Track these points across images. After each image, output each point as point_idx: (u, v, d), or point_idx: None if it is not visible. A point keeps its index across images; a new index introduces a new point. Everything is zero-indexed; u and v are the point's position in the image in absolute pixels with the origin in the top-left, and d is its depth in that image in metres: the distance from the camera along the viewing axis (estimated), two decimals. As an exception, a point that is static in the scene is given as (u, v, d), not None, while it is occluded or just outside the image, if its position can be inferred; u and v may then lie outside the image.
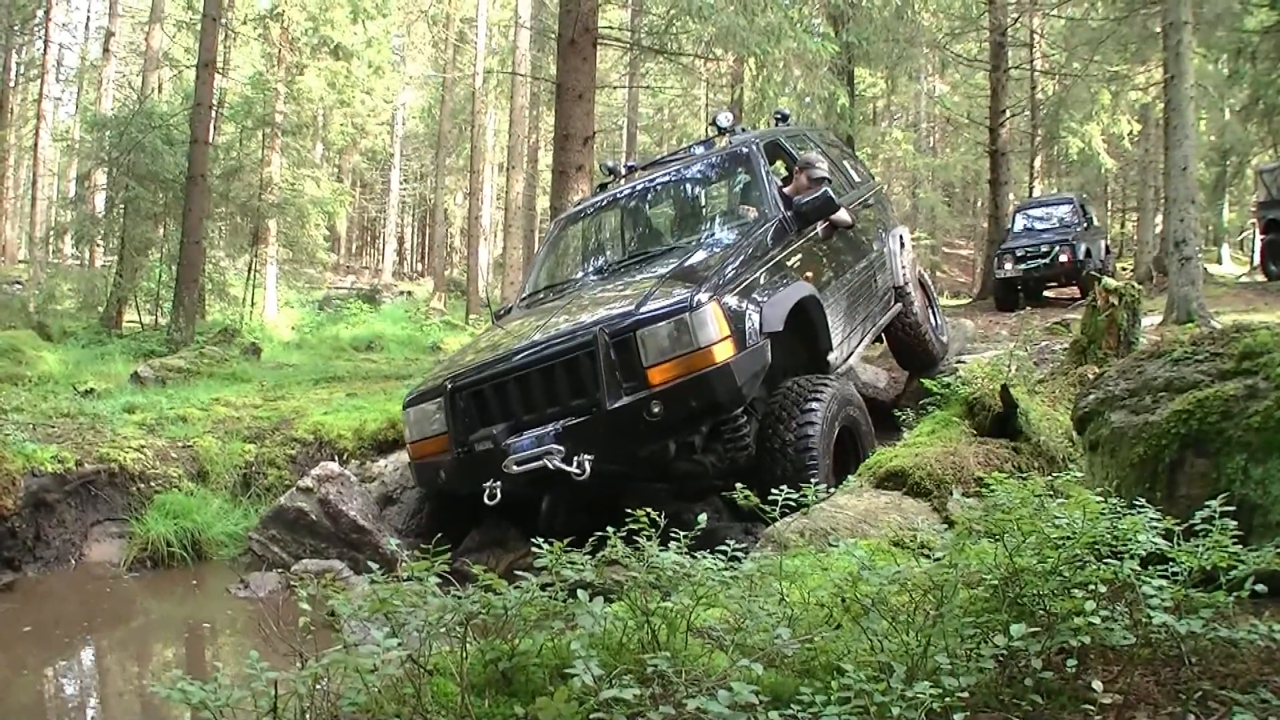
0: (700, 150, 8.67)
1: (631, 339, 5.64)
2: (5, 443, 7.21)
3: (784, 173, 8.44)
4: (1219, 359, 3.45)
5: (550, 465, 5.56)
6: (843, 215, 7.57)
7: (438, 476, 6.39)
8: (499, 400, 6.08)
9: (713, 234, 7.54)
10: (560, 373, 5.84)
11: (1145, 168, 29.31)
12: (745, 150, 7.90)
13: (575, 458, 5.54)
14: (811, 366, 6.79)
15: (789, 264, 6.78)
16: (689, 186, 8.46)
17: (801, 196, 7.23)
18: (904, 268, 9.20)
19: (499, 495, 5.81)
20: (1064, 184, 37.86)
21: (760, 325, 5.93)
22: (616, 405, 5.58)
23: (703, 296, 5.65)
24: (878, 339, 9.22)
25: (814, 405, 6.00)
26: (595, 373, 5.64)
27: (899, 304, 9.01)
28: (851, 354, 7.68)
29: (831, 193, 7.15)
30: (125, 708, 5.07)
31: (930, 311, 9.93)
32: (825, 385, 6.22)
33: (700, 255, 6.90)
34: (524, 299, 8.09)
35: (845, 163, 9.78)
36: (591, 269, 7.98)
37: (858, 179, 9.75)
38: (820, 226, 7.37)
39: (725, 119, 8.42)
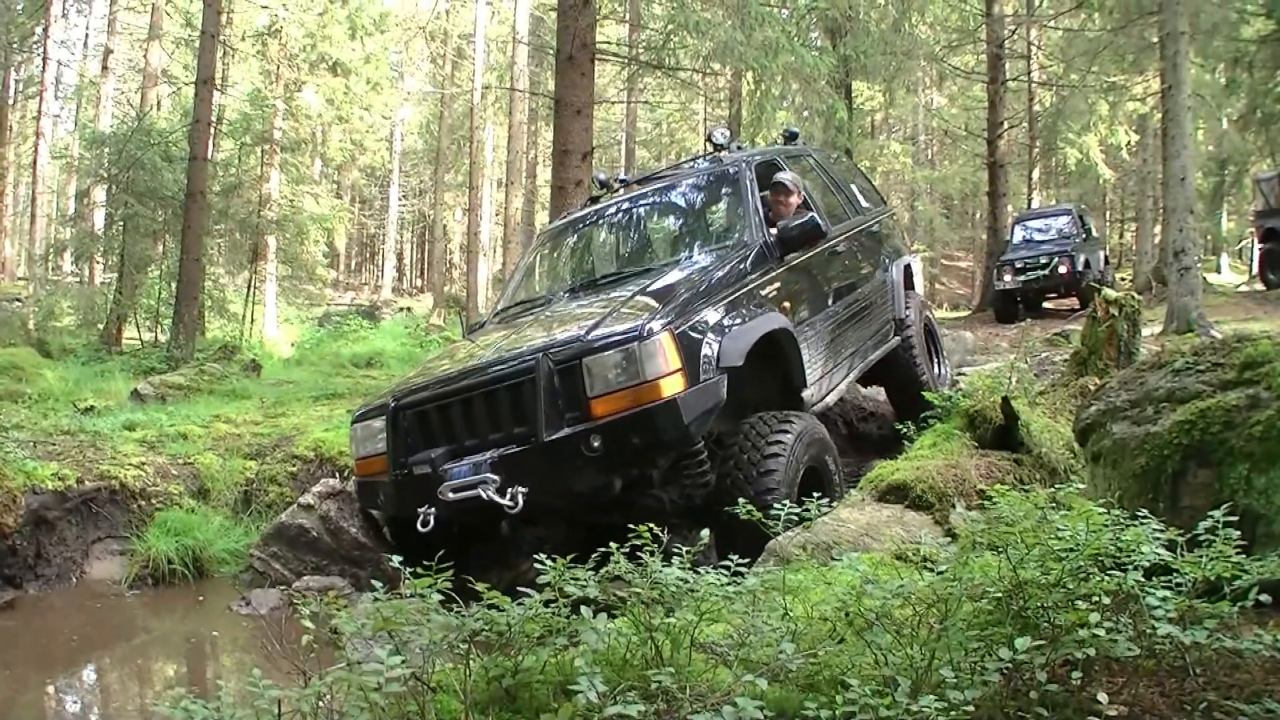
0: (702, 165, 8.29)
1: (577, 367, 5.31)
2: (6, 460, 7.19)
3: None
4: (1220, 369, 3.45)
5: (484, 495, 5.26)
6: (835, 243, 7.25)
7: (378, 497, 6.16)
8: (443, 422, 5.79)
9: (691, 256, 7.12)
10: (504, 398, 5.53)
11: (1143, 178, 29.38)
12: (733, 170, 7.51)
13: (509, 489, 5.23)
14: (785, 402, 6.39)
15: (764, 293, 6.41)
16: (674, 204, 8.13)
17: (786, 221, 6.91)
18: (907, 304, 8.83)
19: (432, 523, 5.53)
20: (1062, 195, 37.89)
21: (718, 359, 5.56)
22: (554, 437, 5.25)
23: (655, 325, 5.30)
24: (869, 379, 8.66)
25: (779, 442, 5.59)
26: (535, 401, 5.31)
27: (896, 338, 8.57)
28: (832, 391, 7.21)
29: (819, 218, 6.83)
30: (127, 726, 5.05)
31: (934, 358, 9.47)
32: (792, 421, 5.81)
33: (671, 279, 6.44)
34: (497, 313, 7.83)
35: (853, 185, 9.36)
36: (566, 286, 7.61)
37: (865, 203, 9.26)
38: (810, 253, 7.06)
39: (721, 135, 8.15)
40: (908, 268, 9.29)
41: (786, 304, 6.58)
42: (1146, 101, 25.27)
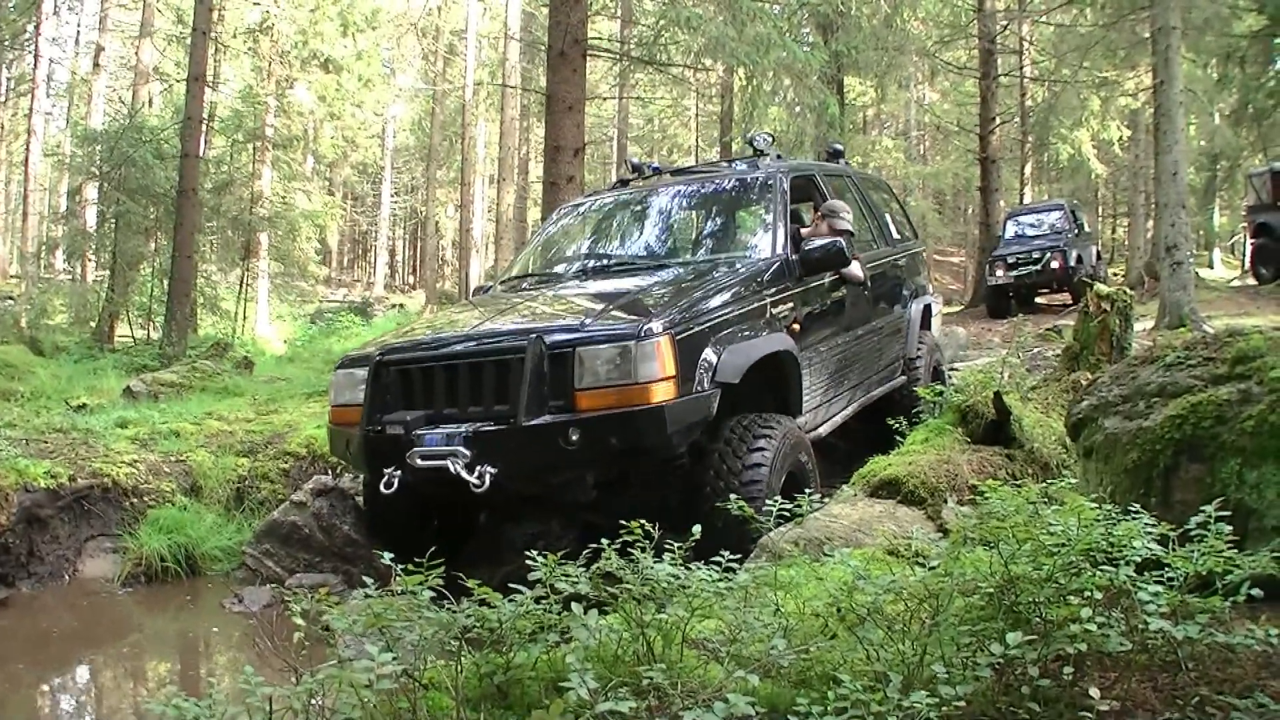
0: (739, 168, 8.04)
1: (570, 354, 5.16)
2: (-2, 459, 7.19)
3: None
4: (1212, 364, 3.45)
5: (452, 469, 5.14)
6: (855, 270, 7.16)
7: (346, 448, 6.05)
8: (424, 385, 5.63)
9: (709, 258, 6.97)
10: (490, 372, 5.38)
11: (1136, 173, 29.44)
12: (768, 178, 7.30)
13: (478, 467, 5.11)
14: None
15: (775, 311, 6.21)
16: (702, 202, 7.90)
17: (811, 241, 6.75)
18: (920, 344, 8.74)
19: (395, 485, 5.42)
20: (1054, 190, 37.98)
21: (714, 373, 5.39)
22: (532, 422, 5.10)
23: (655, 326, 5.15)
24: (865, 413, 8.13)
25: (764, 442, 5.47)
26: (520, 381, 5.16)
27: (902, 377, 8.46)
28: (828, 422, 7.06)
29: (845, 243, 6.66)
30: (119, 725, 5.04)
31: None
32: (777, 423, 5.68)
33: (683, 279, 6.33)
34: (505, 281, 7.74)
35: (886, 214, 9.22)
36: (578, 266, 7.46)
37: (896, 234, 9.17)
38: (828, 277, 6.96)
39: (762, 140, 7.97)
40: (927, 307, 9.16)
41: (796, 326, 6.42)
42: (1138, 97, 25.29)
